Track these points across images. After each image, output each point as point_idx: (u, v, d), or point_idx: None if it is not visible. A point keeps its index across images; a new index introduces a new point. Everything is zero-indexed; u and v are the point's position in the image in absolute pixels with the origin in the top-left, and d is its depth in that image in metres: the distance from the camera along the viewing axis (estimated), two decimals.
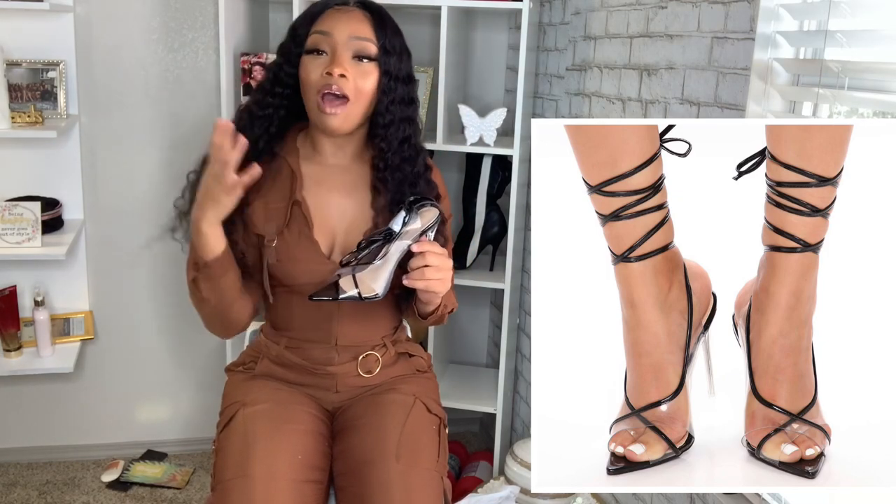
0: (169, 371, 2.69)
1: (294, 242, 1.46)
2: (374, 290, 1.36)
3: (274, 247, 1.45)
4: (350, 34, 1.41)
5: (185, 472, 2.59)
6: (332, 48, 1.41)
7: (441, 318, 1.54)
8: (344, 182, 1.51)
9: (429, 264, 1.34)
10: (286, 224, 1.46)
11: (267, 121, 1.47)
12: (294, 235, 1.46)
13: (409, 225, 1.38)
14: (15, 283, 2.41)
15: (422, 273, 1.34)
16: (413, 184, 1.49)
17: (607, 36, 1.94)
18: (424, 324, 1.54)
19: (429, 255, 1.34)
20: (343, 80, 1.39)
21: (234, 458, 1.37)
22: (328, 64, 1.40)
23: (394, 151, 1.48)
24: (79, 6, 2.36)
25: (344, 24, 1.42)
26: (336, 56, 1.40)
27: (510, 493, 1.81)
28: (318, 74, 1.40)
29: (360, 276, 1.35)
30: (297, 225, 1.47)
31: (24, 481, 2.54)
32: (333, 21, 1.43)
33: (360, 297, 1.35)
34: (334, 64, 1.39)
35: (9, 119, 2.19)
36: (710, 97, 1.50)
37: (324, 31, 1.42)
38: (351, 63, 1.41)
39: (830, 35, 1.21)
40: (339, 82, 1.39)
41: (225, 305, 1.45)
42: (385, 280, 1.37)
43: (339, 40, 1.41)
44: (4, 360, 2.34)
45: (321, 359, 1.52)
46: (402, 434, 1.43)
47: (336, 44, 1.41)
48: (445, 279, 1.37)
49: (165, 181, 2.53)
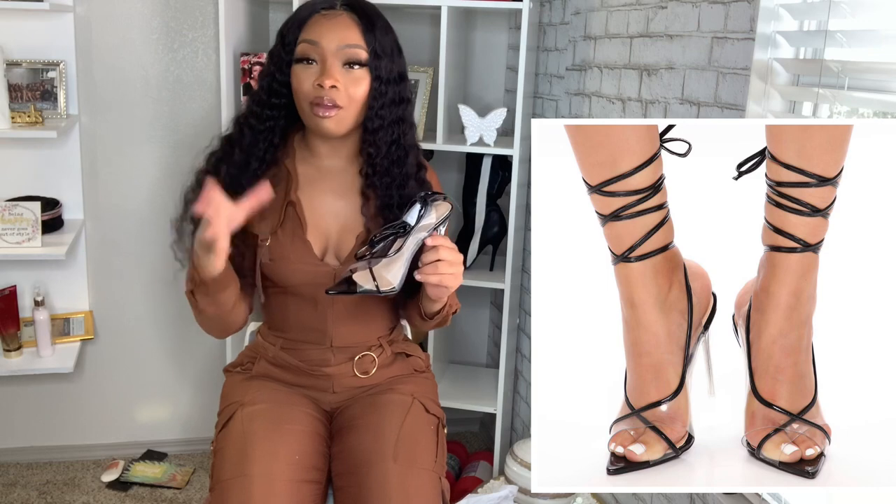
0: (169, 371, 2.69)
1: (287, 242, 1.46)
2: (391, 284, 1.33)
3: (268, 246, 1.46)
4: (339, 43, 1.39)
5: (185, 472, 2.59)
6: (321, 57, 1.39)
7: (445, 320, 1.52)
8: (338, 184, 1.51)
9: (442, 258, 1.32)
10: (280, 224, 1.46)
11: (269, 133, 1.46)
12: (287, 235, 1.46)
13: (424, 219, 1.36)
14: (15, 283, 2.41)
15: (435, 267, 1.32)
16: (401, 185, 1.47)
17: (607, 36, 1.94)
18: (429, 326, 1.53)
19: (442, 249, 1.32)
20: (334, 90, 1.38)
21: (233, 458, 1.37)
22: (319, 75, 1.39)
23: (382, 156, 1.46)
24: (79, 6, 2.37)
25: (333, 33, 1.39)
26: (326, 67, 1.38)
27: (510, 493, 1.81)
28: (309, 85, 1.39)
29: (376, 270, 1.33)
30: (290, 225, 1.47)
31: (24, 481, 2.54)
32: (322, 29, 1.40)
33: (378, 291, 1.33)
34: (325, 76, 1.38)
35: (9, 119, 2.19)
36: (710, 97, 1.50)
37: (312, 41, 1.40)
38: (341, 72, 1.39)
39: (830, 35, 1.21)
40: (331, 93, 1.38)
41: (222, 314, 1.45)
42: (401, 273, 1.35)
43: (329, 49, 1.39)
44: (4, 360, 2.34)
45: (317, 360, 1.52)
46: (399, 434, 1.42)
47: (325, 53, 1.39)
48: (458, 274, 1.35)
49: (165, 181, 2.53)
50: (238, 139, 1.47)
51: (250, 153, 1.46)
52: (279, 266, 1.46)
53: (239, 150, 1.46)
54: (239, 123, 1.50)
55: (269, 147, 1.47)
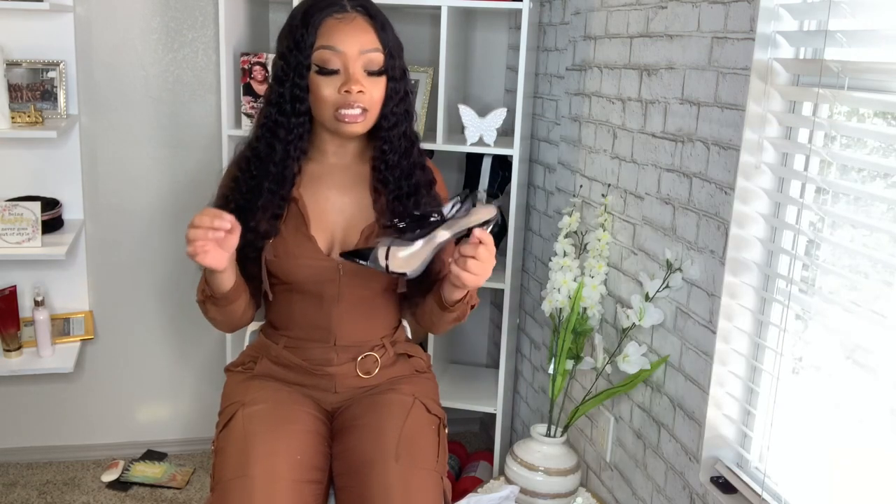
0: (169, 371, 2.69)
1: (291, 238, 1.47)
2: (403, 269, 1.32)
3: (271, 243, 1.46)
4: (360, 48, 1.40)
5: (185, 472, 2.59)
6: (343, 64, 1.40)
7: (463, 314, 1.49)
8: (343, 180, 1.51)
9: (477, 257, 1.31)
10: (283, 220, 1.47)
11: (298, 139, 1.46)
12: (291, 231, 1.47)
13: (459, 216, 1.34)
14: (15, 283, 2.41)
15: (465, 262, 1.31)
16: (409, 175, 1.49)
17: (607, 36, 1.94)
18: (448, 319, 1.49)
19: (482, 248, 1.31)
20: (360, 95, 1.39)
21: (234, 458, 1.37)
22: (344, 81, 1.39)
23: (394, 151, 1.49)
24: (79, 6, 2.36)
25: (352, 38, 1.40)
26: (350, 73, 1.39)
27: (510, 493, 1.81)
28: (332, 91, 1.40)
29: (393, 250, 1.32)
30: (293, 221, 1.47)
31: (24, 481, 2.54)
32: (340, 35, 1.40)
33: (387, 270, 1.31)
34: (351, 82, 1.39)
35: (9, 119, 2.19)
36: (710, 97, 1.50)
37: (332, 48, 1.39)
38: (363, 76, 1.41)
39: (830, 35, 1.21)
40: (358, 97, 1.39)
41: (233, 320, 1.50)
42: (419, 263, 1.33)
43: (351, 55, 1.40)
44: (4, 360, 2.34)
45: (320, 359, 1.52)
46: (401, 434, 1.42)
47: (348, 60, 1.40)
48: (481, 276, 1.33)
49: (165, 181, 2.53)
50: (268, 154, 1.45)
51: (286, 165, 1.45)
52: (284, 262, 1.46)
53: (273, 164, 1.45)
54: (265, 137, 1.47)
55: (301, 155, 1.47)
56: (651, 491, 1.73)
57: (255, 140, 1.49)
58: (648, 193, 1.74)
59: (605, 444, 1.93)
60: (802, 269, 1.36)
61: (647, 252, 1.75)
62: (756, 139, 1.38)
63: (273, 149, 1.45)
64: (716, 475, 1.51)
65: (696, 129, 1.55)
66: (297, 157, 1.47)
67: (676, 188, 1.63)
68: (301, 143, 1.46)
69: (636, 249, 1.80)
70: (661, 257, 1.69)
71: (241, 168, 1.49)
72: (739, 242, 1.43)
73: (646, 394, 1.76)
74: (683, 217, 1.60)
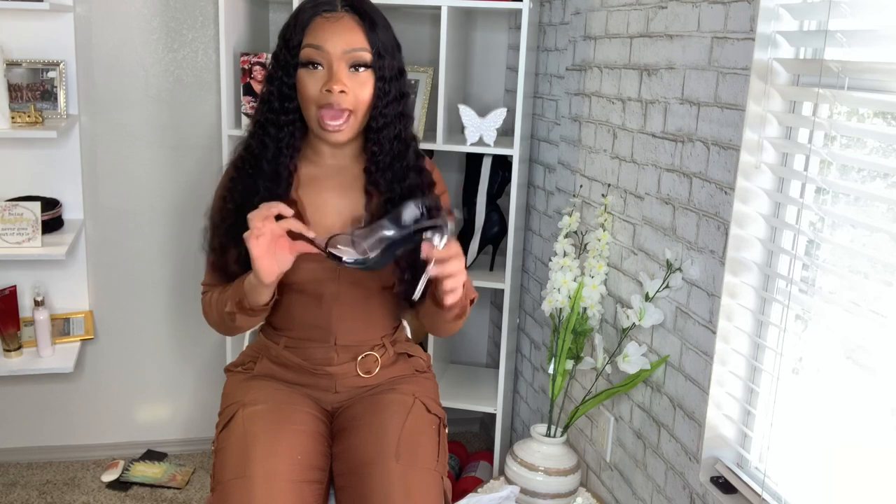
0: (169, 371, 2.69)
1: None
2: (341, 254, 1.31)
3: None
4: (344, 47, 1.39)
5: (185, 472, 2.59)
6: (327, 62, 1.40)
7: (464, 311, 1.48)
8: (340, 182, 1.51)
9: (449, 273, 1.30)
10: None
11: (289, 136, 1.46)
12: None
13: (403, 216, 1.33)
14: (15, 283, 2.41)
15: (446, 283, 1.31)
16: (402, 178, 1.48)
17: (607, 36, 1.94)
18: (449, 317, 1.47)
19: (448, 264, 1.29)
20: (342, 95, 1.39)
21: (234, 458, 1.37)
22: (326, 80, 1.39)
23: (385, 153, 1.47)
24: (79, 6, 2.37)
25: (337, 37, 1.40)
26: (333, 71, 1.39)
27: (510, 493, 1.81)
28: (315, 89, 1.40)
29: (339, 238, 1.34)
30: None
31: (24, 481, 2.54)
32: (326, 33, 1.40)
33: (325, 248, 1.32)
34: (332, 80, 1.38)
35: (9, 119, 2.19)
36: (710, 97, 1.50)
37: (317, 46, 1.39)
38: (348, 75, 1.40)
39: (830, 35, 1.21)
40: (339, 98, 1.38)
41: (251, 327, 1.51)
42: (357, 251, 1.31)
43: (335, 54, 1.39)
44: (4, 360, 2.34)
45: (320, 359, 1.52)
46: (401, 434, 1.42)
47: (331, 58, 1.39)
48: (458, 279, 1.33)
49: (165, 181, 2.53)
50: (261, 151, 1.47)
51: (279, 162, 1.46)
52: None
53: (266, 161, 1.46)
54: (258, 135, 1.48)
55: (294, 153, 1.47)
56: (651, 491, 1.74)
57: (249, 138, 1.50)
58: (648, 193, 1.74)
59: (605, 444, 1.94)
60: (802, 269, 1.36)
61: (647, 252, 1.75)
62: (756, 139, 1.38)
63: (265, 146, 1.46)
64: (716, 475, 1.51)
65: (696, 129, 1.55)
66: (290, 155, 1.46)
67: (676, 188, 1.63)
68: (293, 142, 1.46)
69: (636, 249, 1.80)
70: (661, 257, 1.69)
71: (237, 167, 1.50)
72: (739, 242, 1.43)
73: (646, 394, 1.76)
74: (683, 217, 1.60)
